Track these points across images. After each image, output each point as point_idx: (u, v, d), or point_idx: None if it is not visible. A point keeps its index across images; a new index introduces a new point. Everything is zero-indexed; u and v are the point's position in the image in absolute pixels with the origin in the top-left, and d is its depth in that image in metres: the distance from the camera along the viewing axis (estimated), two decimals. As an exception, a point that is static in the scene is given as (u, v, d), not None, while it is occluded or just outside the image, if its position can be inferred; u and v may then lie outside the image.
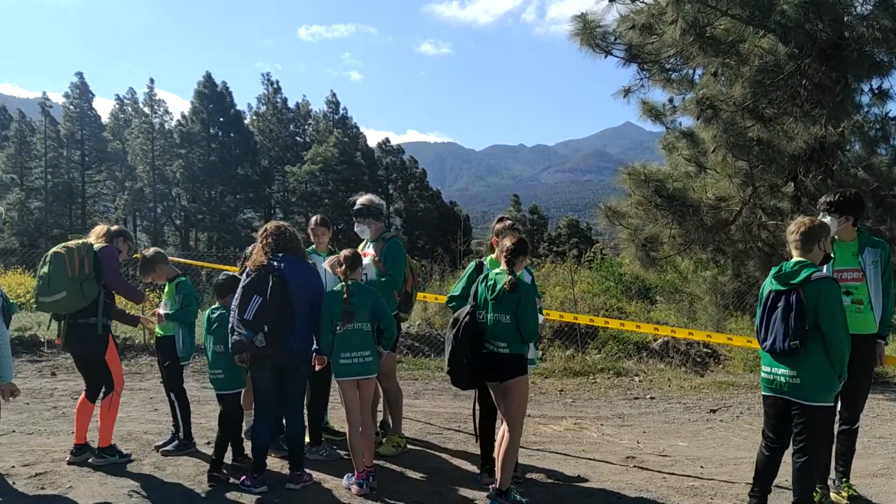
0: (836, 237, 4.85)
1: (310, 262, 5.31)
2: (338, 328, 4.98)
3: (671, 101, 11.34)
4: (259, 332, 4.82)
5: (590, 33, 9.52)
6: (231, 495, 4.95)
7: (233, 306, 4.98)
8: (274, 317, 4.82)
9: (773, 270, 4.37)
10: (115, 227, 5.83)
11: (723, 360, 11.07)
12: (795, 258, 4.31)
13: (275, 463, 5.50)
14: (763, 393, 4.41)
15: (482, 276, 4.89)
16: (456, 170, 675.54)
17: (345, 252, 5.19)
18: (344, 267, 5.07)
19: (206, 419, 6.96)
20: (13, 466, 5.41)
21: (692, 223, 9.71)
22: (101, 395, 5.56)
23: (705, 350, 11.31)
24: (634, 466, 5.80)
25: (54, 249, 5.37)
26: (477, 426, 5.14)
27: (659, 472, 5.67)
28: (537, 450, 6.22)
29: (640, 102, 10.76)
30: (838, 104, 8.87)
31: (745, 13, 8.39)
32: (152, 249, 6.03)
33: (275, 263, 4.94)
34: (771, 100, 9.02)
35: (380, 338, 5.11)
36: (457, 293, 5.27)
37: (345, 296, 4.98)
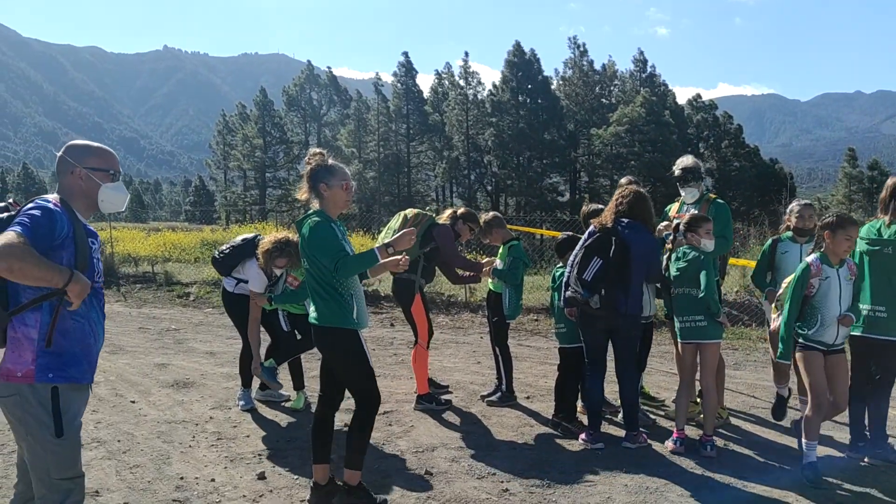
0: None
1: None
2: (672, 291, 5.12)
3: None
4: (595, 294, 4.91)
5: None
6: (551, 446, 5.17)
7: (571, 262, 5.15)
8: (612, 280, 4.88)
9: None
10: (462, 210, 6.43)
11: None
12: None
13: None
14: None
15: None
16: (777, 123, 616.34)
17: (690, 214, 5.27)
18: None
19: (524, 375, 7.33)
20: (366, 403, 6.24)
21: None
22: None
23: None
24: None
25: (405, 211, 6.20)
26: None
27: None
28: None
29: None
30: None
31: None
32: (490, 214, 6.51)
33: (619, 227, 4.97)
34: None
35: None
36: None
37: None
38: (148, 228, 27.17)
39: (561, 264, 5.77)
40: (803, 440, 4.54)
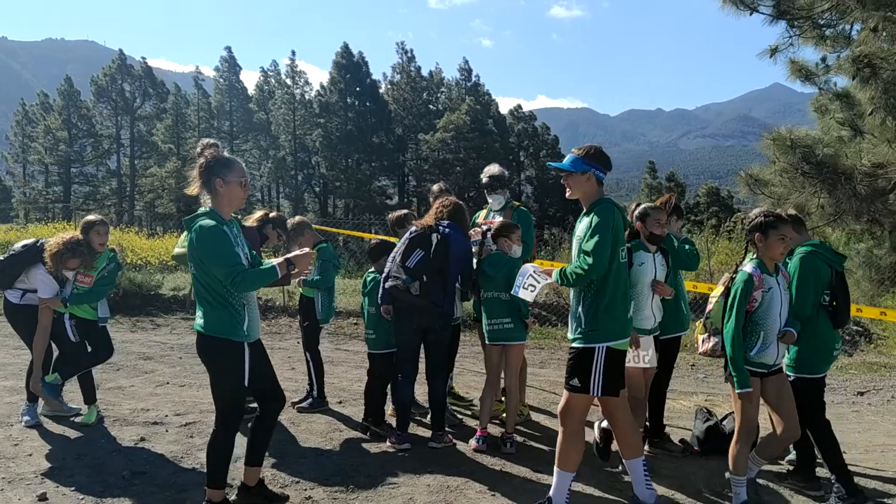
0: None
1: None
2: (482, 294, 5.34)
3: (824, 59, 10.43)
4: (416, 281, 5.03)
5: (734, -11, 8.92)
6: (358, 450, 5.17)
7: (393, 255, 5.22)
8: (431, 273, 5.03)
9: None
10: (273, 214, 6.22)
11: (875, 340, 10.26)
12: None
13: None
14: None
15: None
16: (590, 136, 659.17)
17: (500, 221, 5.59)
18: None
19: (338, 379, 7.30)
20: (167, 415, 5.92)
21: (844, 192, 8.93)
22: None
23: (855, 328, 10.53)
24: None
25: None
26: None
27: (796, 455, 5.36)
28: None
29: (789, 62, 9.98)
30: None
31: (913, -40, 7.55)
32: (297, 218, 6.44)
33: (440, 227, 5.15)
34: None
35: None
36: None
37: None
38: (-74, 227, 24.10)
39: (373, 269, 5.81)
40: (733, 476, 4.05)
